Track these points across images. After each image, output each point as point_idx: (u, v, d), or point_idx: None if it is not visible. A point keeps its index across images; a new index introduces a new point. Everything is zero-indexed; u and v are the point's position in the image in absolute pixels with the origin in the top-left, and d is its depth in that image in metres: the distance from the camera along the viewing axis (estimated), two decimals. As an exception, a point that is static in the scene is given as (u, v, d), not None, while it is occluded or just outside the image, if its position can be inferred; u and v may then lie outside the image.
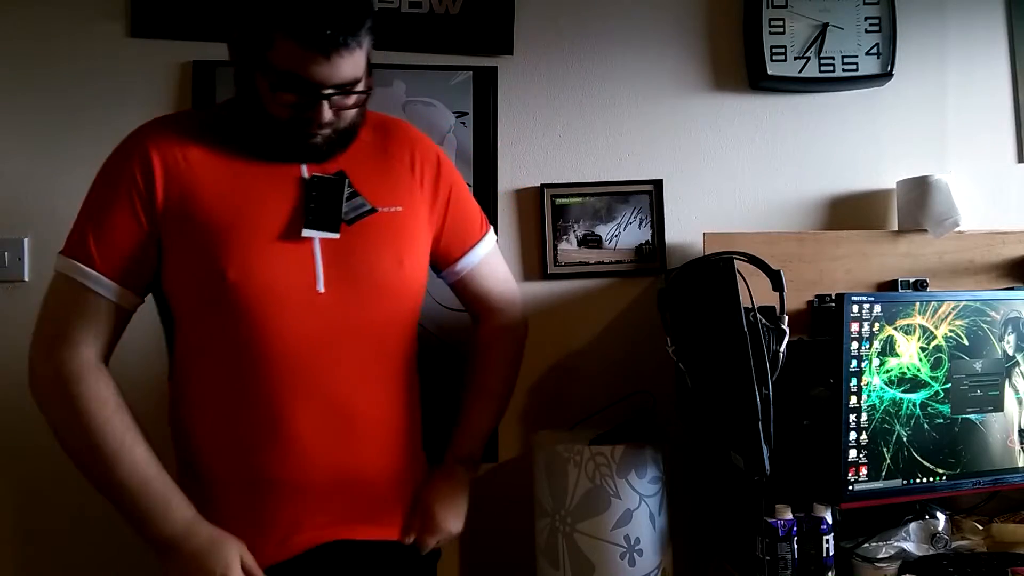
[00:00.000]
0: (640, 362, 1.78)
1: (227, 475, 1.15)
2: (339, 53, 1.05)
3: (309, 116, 1.10)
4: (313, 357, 1.13)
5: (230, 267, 1.09)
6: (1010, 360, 1.57)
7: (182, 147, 1.13)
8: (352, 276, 1.15)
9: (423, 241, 1.26)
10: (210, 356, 1.15)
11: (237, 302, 1.10)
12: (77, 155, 1.71)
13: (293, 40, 1.04)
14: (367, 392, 1.18)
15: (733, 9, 1.89)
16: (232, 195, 1.13)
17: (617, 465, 1.48)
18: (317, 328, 1.13)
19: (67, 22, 1.71)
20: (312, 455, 1.14)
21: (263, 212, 1.13)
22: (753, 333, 1.33)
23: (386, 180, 1.23)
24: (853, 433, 1.44)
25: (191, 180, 1.12)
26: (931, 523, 1.53)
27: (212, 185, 1.13)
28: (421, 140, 1.30)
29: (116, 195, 1.12)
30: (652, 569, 1.49)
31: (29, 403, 1.17)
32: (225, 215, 1.11)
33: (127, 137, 1.17)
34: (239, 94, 1.15)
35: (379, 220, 1.18)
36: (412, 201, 1.24)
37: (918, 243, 1.79)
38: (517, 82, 1.83)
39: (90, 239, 1.11)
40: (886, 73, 1.87)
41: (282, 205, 1.14)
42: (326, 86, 1.08)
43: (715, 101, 1.89)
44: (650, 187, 1.84)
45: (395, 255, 1.19)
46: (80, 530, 1.68)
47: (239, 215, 1.12)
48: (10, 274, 1.67)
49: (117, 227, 1.11)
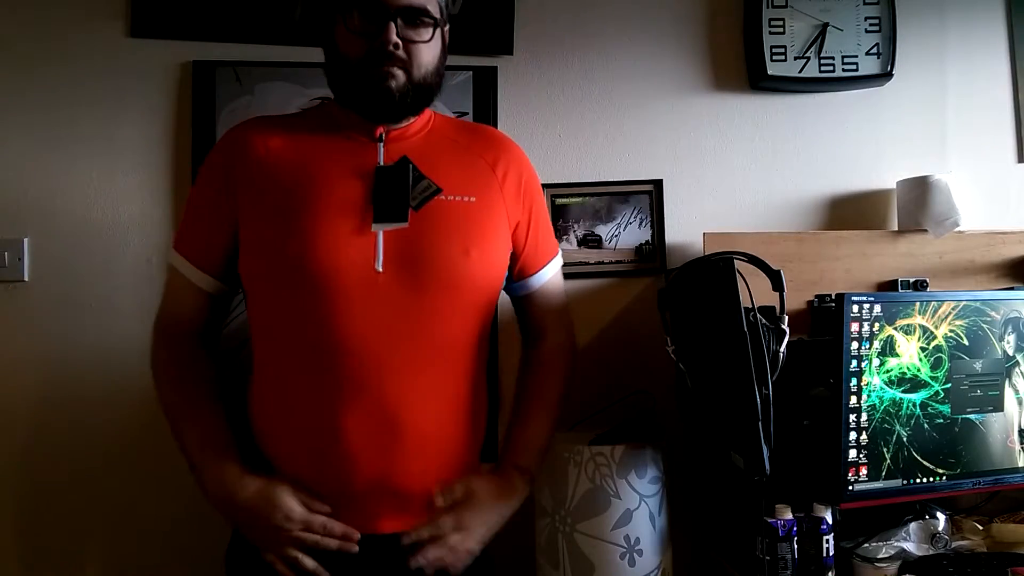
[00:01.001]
0: (640, 362, 1.78)
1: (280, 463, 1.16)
2: None
3: (379, 43, 1.13)
4: (368, 344, 1.11)
5: (295, 242, 1.12)
6: (1010, 360, 1.57)
7: (264, 137, 1.19)
8: (413, 259, 1.14)
9: (497, 237, 1.23)
10: (275, 341, 1.17)
11: (300, 277, 1.11)
12: (77, 155, 1.71)
13: None
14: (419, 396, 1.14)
15: (733, 9, 1.89)
16: (304, 176, 1.16)
17: (617, 465, 1.48)
18: (374, 310, 1.12)
19: (67, 22, 1.71)
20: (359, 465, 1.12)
21: (332, 193, 1.15)
22: (753, 333, 1.33)
23: (462, 171, 1.22)
24: (853, 433, 1.44)
25: (267, 162, 1.17)
26: (931, 523, 1.52)
27: (286, 166, 1.17)
28: (513, 148, 1.31)
29: (202, 188, 1.23)
30: (652, 569, 1.49)
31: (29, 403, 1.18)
32: (295, 195, 1.14)
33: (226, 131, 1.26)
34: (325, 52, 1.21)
35: (448, 207, 1.18)
36: (489, 196, 1.23)
37: (918, 243, 1.79)
38: (517, 82, 1.83)
39: (185, 231, 1.23)
40: (886, 73, 1.87)
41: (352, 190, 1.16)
42: (392, 7, 1.12)
43: (715, 101, 1.89)
44: (650, 187, 1.84)
45: (461, 244, 1.17)
46: (80, 531, 1.68)
47: (309, 195, 1.14)
48: (10, 274, 1.67)
49: (204, 218, 1.21)
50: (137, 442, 1.67)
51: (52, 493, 1.67)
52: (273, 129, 1.21)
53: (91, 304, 1.69)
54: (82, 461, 1.68)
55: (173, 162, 1.73)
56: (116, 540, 1.69)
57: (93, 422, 1.68)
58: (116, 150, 1.72)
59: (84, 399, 1.66)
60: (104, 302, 1.70)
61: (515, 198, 1.26)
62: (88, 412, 1.68)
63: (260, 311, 1.19)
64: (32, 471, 1.67)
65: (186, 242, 1.22)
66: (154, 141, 1.73)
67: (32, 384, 1.66)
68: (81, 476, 1.68)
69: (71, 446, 1.67)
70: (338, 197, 1.15)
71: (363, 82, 1.16)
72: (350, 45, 1.15)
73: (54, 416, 1.67)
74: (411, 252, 1.14)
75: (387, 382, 1.12)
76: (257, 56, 1.74)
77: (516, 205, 1.26)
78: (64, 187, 1.71)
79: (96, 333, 1.69)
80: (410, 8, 1.13)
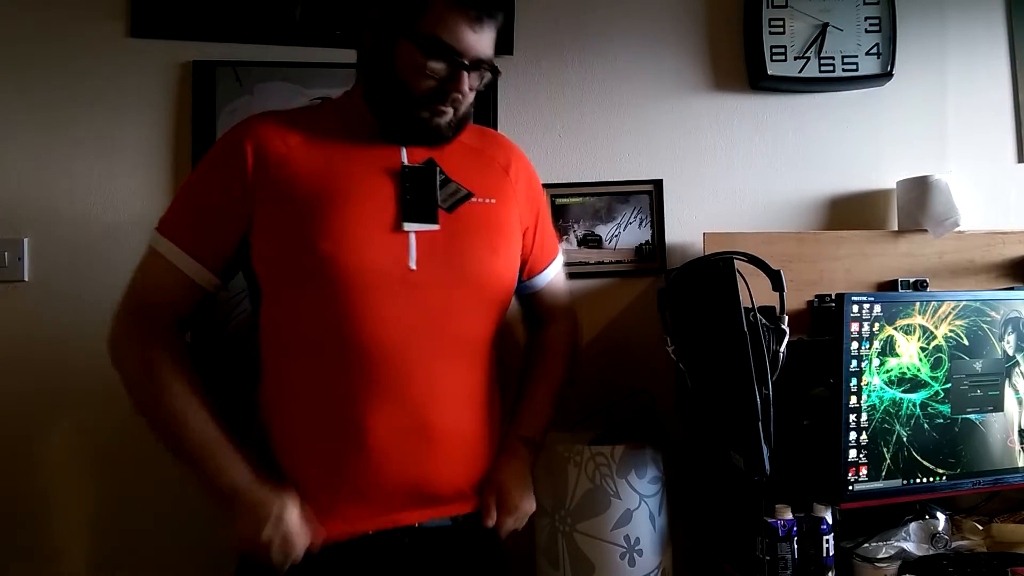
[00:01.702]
0: (640, 362, 1.78)
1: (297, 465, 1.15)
2: (489, 23, 1.13)
3: (448, 87, 1.14)
4: (399, 342, 1.12)
5: (325, 240, 1.11)
6: (1010, 360, 1.57)
7: (283, 133, 1.17)
8: (447, 259, 1.16)
9: (515, 238, 1.27)
10: (295, 341, 1.15)
11: (329, 275, 1.11)
12: (77, 155, 1.71)
13: (453, 5, 1.10)
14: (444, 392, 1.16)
15: (733, 9, 1.89)
16: (330, 174, 1.15)
17: (617, 465, 1.48)
18: (405, 309, 1.13)
19: (67, 22, 1.71)
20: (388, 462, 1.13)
21: (360, 191, 1.15)
22: (753, 333, 1.33)
23: (480, 174, 1.25)
24: (853, 433, 1.44)
25: (290, 160, 1.14)
26: (931, 523, 1.53)
27: (311, 164, 1.15)
28: (520, 152, 1.34)
29: (211, 179, 1.17)
30: (652, 569, 1.49)
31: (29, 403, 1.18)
32: (323, 193, 1.13)
33: (234, 126, 1.21)
34: (372, 65, 1.18)
35: (474, 209, 1.21)
36: (505, 198, 1.26)
37: (918, 243, 1.79)
38: (517, 82, 1.83)
39: (181, 218, 1.17)
40: (886, 73, 1.87)
41: (380, 189, 1.16)
42: (469, 57, 1.12)
43: (715, 101, 1.89)
44: (650, 187, 1.84)
45: (489, 244, 1.21)
46: (81, 531, 1.68)
47: (337, 193, 1.14)
48: (10, 274, 1.67)
49: (211, 215, 1.16)
50: (137, 442, 1.66)
51: (52, 493, 1.67)
52: (291, 125, 1.18)
53: (91, 304, 1.69)
54: (82, 461, 1.68)
55: (173, 162, 1.73)
56: (116, 540, 1.69)
57: (93, 422, 1.68)
58: (116, 150, 1.72)
59: (84, 399, 1.66)
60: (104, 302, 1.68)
61: (526, 201, 1.30)
62: (88, 412, 1.68)
63: (280, 311, 1.17)
64: (32, 471, 1.67)
65: (186, 234, 1.16)
66: (154, 141, 1.73)
67: (32, 384, 1.66)
68: (81, 476, 1.68)
69: (71, 446, 1.67)
70: (368, 196, 1.15)
71: (415, 114, 1.16)
72: (415, 77, 1.13)
73: (54, 416, 1.67)
74: (445, 251, 1.16)
75: (415, 379, 1.14)
76: (257, 56, 1.74)
77: (527, 208, 1.30)
78: (64, 187, 1.71)
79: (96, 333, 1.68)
80: (481, 60, 1.15)
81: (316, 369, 1.14)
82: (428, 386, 1.15)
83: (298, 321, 1.15)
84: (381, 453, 1.12)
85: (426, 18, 1.11)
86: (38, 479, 1.67)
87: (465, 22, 1.11)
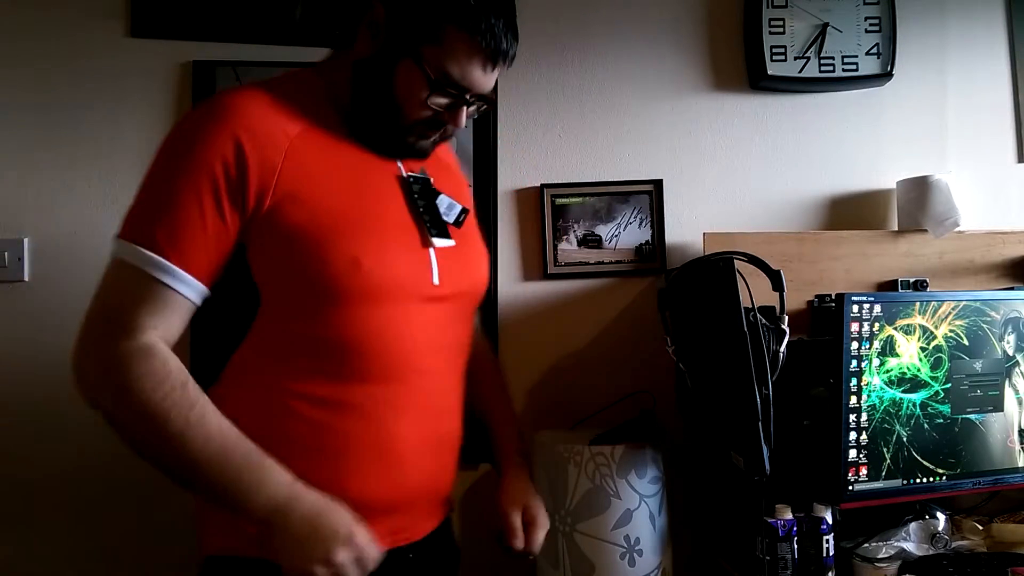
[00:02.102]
0: (640, 362, 1.78)
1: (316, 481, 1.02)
2: (501, 64, 1.06)
3: (445, 119, 1.08)
4: (422, 355, 1.09)
5: (365, 256, 1.01)
6: (1010, 360, 1.57)
7: (279, 119, 1.01)
8: (459, 271, 1.15)
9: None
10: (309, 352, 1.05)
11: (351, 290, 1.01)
12: (77, 155, 1.71)
13: (469, 42, 1.01)
14: (452, 400, 1.16)
15: (733, 9, 1.89)
16: (347, 179, 1.06)
17: (617, 465, 1.48)
18: (427, 322, 1.10)
19: (67, 22, 1.71)
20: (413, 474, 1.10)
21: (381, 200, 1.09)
22: (753, 333, 1.33)
23: (450, 180, 1.23)
24: (853, 433, 1.44)
25: (295, 157, 1.00)
26: (931, 523, 1.52)
27: (321, 163, 1.04)
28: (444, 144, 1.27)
29: (193, 177, 0.97)
30: (652, 569, 1.49)
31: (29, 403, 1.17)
32: (347, 200, 1.04)
33: (210, 105, 1.00)
34: (367, 76, 1.07)
35: (470, 220, 1.20)
36: (469, 200, 1.25)
37: (918, 243, 1.79)
38: (517, 82, 1.83)
39: (156, 221, 0.97)
40: (886, 73, 1.87)
41: (393, 200, 1.11)
42: (474, 93, 1.06)
43: (715, 101, 1.89)
44: (650, 187, 1.84)
45: (480, 253, 1.21)
46: (80, 531, 1.68)
47: (360, 201, 1.06)
48: (10, 274, 1.67)
49: (204, 221, 0.97)
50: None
51: (52, 493, 1.67)
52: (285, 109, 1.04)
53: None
54: (82, 461, 1.67)
55: (173, 162, 1.73)
56: (116, 540, 1.69)
57: (93, 422, 1.67)
58: (116, 150, 1.72)
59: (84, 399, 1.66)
60: (104, 302, 1.70)
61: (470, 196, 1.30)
62: (88, 412, 1.67)
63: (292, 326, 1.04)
64: (32, 471, 1.67)
65: (174, 244, 0.96)
66: (154, 141, 1.64)
67: (32, 384, 1.66)
68: (81, 476, 1.68)
69: (71, 446, 1.67)
70: (387, 207, 1.09)
71: (404, 135, 1.10)
72: (414, 107, 1.05)
73: (54, 416, 1.67)
74: (456, 265, 1.14)
75: (434, 390, 1.12)
76: (257, 56, 1.74)
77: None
78: (64, 187, 1.71)
79: (96, 333, 1.69)
80: (484, 94, 1.08)
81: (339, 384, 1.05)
82: (443, 396, 1.14)
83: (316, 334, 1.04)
84: (411, 461, 1.10)
85: (438, 48, 1.01)
86: (38, 479, 1.67)
87: (480, 62, 1.03)
